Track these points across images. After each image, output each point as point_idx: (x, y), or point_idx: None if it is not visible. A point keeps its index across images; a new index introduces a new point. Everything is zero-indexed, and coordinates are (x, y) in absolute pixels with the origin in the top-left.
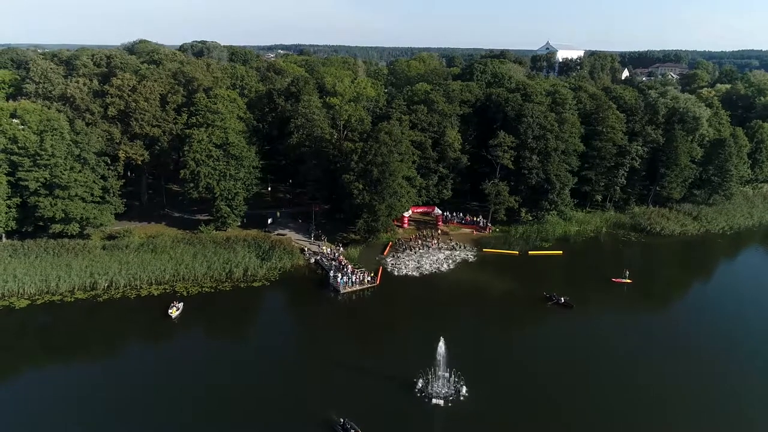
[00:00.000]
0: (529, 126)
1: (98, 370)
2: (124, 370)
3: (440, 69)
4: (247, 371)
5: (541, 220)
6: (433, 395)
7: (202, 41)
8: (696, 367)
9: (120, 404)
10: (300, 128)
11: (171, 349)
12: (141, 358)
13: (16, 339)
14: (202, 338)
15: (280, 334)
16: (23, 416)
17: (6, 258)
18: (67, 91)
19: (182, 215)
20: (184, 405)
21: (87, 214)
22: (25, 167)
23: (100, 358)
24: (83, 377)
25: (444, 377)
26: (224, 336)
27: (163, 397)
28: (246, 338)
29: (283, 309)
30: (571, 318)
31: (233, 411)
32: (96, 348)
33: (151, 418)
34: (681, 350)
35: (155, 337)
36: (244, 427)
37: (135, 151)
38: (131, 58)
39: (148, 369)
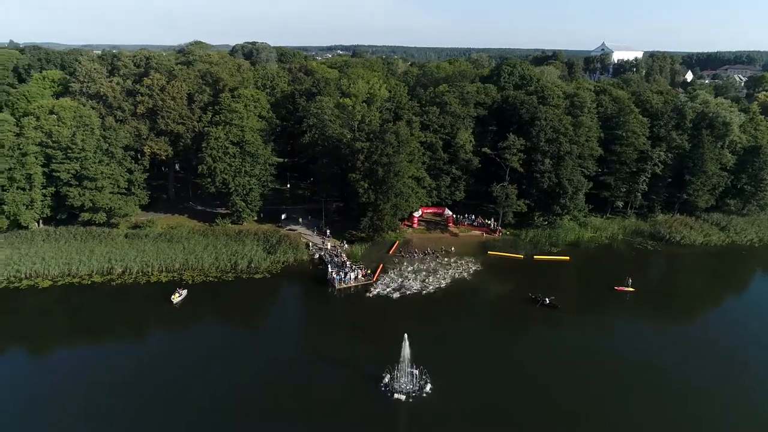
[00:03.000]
0: (542, 129)
1: (96, 347)
2: (119, 348)
3: (468, 71)
4: (224, 356)
5: (553, 224)
6: (396, 390)
7: (252, 42)
8: (662, 386)
9: (108, 381)
10: (312, 127)
11: (165, 331)
12: (137, 338)
13: (34, 315)
14: (195, 323)
15: (267, 323)
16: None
17: (39, 242)
18: (101, 90)
19: (204, 208)
20: (164, 385)
21: (113, 204)
22: (58, 159)
23: (99, 336)
24: (81, 354)
25: (408, 374)
26: (215, 322)
27: (148, 376)
28: (233, 325)
29: (276, 301)
30: (556, 322)
31: (204, 391)
32: (98, 327)
33: (132, 394)
34: (660, 365)
35: (154, 320)
36: (207, 407)
37: (160, 146)
38: (167, 59)
39: (140, 348)
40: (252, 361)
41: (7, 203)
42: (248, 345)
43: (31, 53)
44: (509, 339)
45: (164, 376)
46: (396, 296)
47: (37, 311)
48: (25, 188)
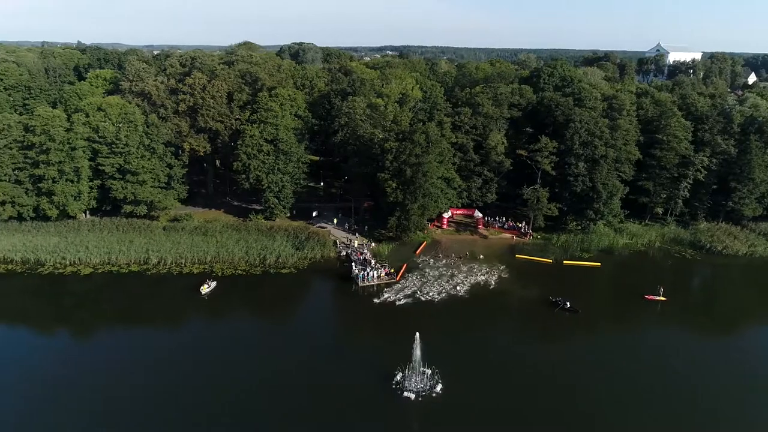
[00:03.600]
0: (576, 131)
1: (128, 332)
2: (147, 334)
3: (508, 72)
4: (241, 345)
5: (586, 229)
6: (406, 389)
7: (299, 43)
8: (679, 398)
9: (136, 363)
10: (344, 127)
11: (191, 321)
12: (165, 326)
13: (74, 300)
14: (219, 314)
15: (287, 317)
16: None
17: (84, 231)
18: (145, 89)
19: (240, 204)
20: (183, 371)
21: (153, 197)
22: (104, 154)
23: (132, 322)
24: (114, 338)
25: (419, 373)
26: (237, 314)
27: (170, 362)
28: (254, 318)
29: (299, 296)
30: (577, 327)
31: (217, 381)
32: (131, 314)
33: (152, 380)
34: (681, 376)
35: (182, 309)
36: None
37: (198, 143)
38: (210, 59)
39: (167, 335)
40: (267, 353)
41: (56, 194)
42: (266, 337)
43: (92, 53)
44: (527, 343)
45: (185, 362)
46: (410, 301)
47: (77, 296)
48: (73, 180)
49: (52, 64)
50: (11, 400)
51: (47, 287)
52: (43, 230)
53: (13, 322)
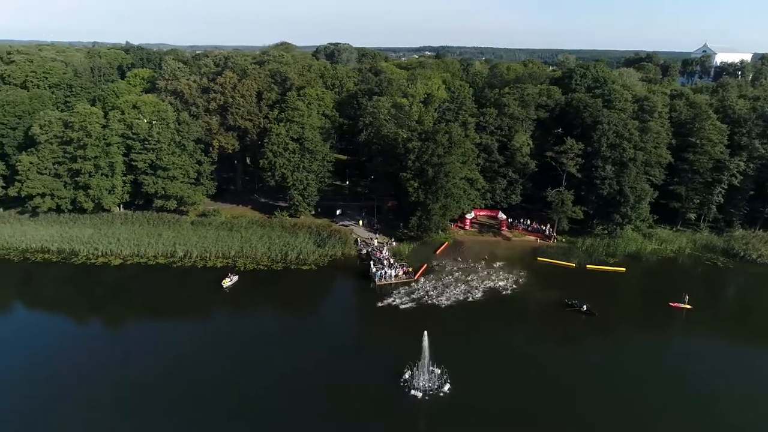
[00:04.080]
0: (604, 133)
1: (151, 321)
2: (170, 323)
3: (538, 72)
4: (258, 339)
5: (613, 233)
6: (414, 387)
7: (335, 43)
8: (689, 409)
9: (154, 355)
10: (369, 126)
11: (213, 313)
12: (187, 316)
13: (103, 289)
14: (238, 307)
15: (303, 312)
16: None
17: (117, 224)
18: (178, 87)
19: (267, 201)
20: (200, 360)
21: (182, 192)
22: (137, 150)
23: (156, 312)
24: (138, 326)
25: (428, 372)
26: (255, 308)
27: (189, 355)
28: (271, 312)
29: (316, 292)
30: (593, 332)
31: (229, 373)
32: (155, 304)
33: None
34: (694, 386)
35: (204, 302)
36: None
37: (227, 141)
38: (243, 59)
39: (188, 325)
40: (280, 348)
41: (92, 188)
42: (281, 332)
43: (135, 53)
44: (540, 347)
45: (205, 355)
46: (425, 301)
47: (106, 286)
48: (107, 175)
49: (97, 64)
50: (38, 383)
51: (79, 276)
52: (79, 222)
53: (46, 308)
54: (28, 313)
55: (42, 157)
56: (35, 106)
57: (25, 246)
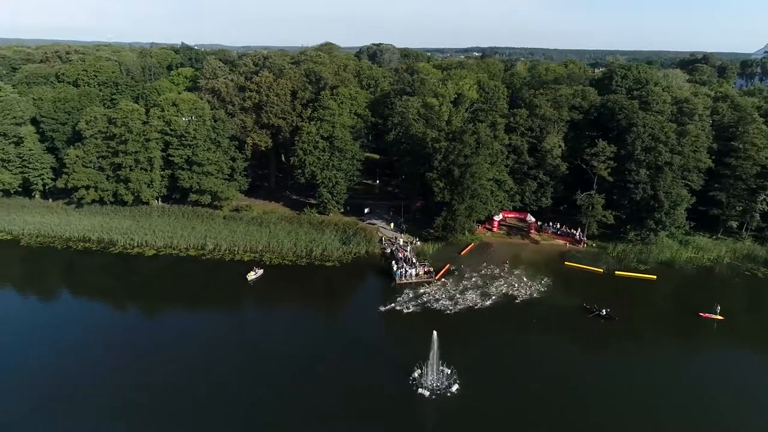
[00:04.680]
0: (639, 136)
1: (175, 311)
2: (193, 314)
3: (578, 73)
4: (273, 334)
5: (646, 240)
6: (422, 386)
7: (377, 44)
8: None
9: (175, 344)
10: (397, 126)
11: (236, 305)
12: (209, 307)
13: (137, 278)
14: (262, 301)
15: (320, 307)
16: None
17: (154, 216)
18: (215, 86)
19: (298, 198)
20: (218, 349)
21: (216, 188)
22: (174, 146)
23: (181, 302)
24: (161, 315)
25: (436, 371)
26: (277, 302)
27: (207, 348)
28: (289, 306)
29: (336, 288)
30: (614, 339)
31: (243, 365)
32: (184, 293)
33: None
34: (713, 399)
35: (228, 294)
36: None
37: (261, 138)
38: (281, 59)
39: (211, 317)
40: (293, 340)
41: (132, 181)
42: (296, 325)
43: (184, 53)
44: (556, 353)
45: (223, 348)
46: (441, 302)
47: (139, 275)
48: (146, 169)
49: (148, 63)
50: (71, 364)
51: (115, 265)
52: (119, 214)
53: (82, 294)
54: (66, 298)
55: (87, 151)
56: (83, 102)
57: (69, 235)
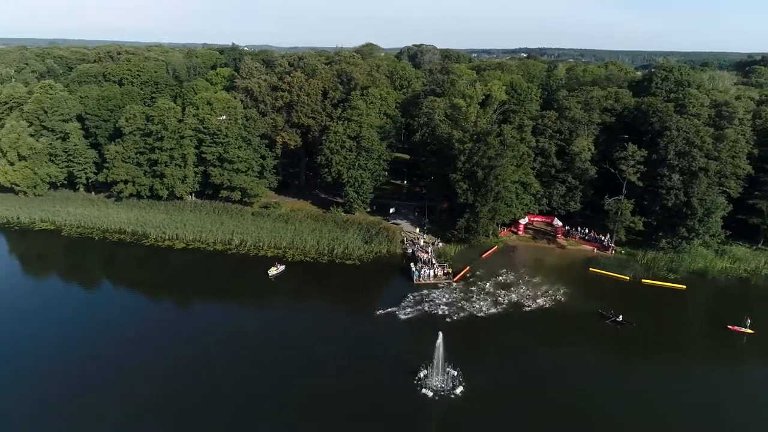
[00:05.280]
0: (672, 140)
1: (196, 301)
2: (214, 306)
3: (616, 75)
4: (286, 328)
5: (678, 248)
6: (426, 386)
7: (417, 44)
8: None
9: (195, 333)
10: (423, 126)
11: (255, 299)
12: (229, 300)
13: (165, 270)
14: (280, 296)
15: (334, 304)
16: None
17: (187, 211)
18: (248, 86)
19: (326, 197)
20: (235, 341)
21: (246, 185)
22: (207, 143)
23: (203, 293)
24: (183, 305)
25: (441, 372)
26: (295, 297)
27: (225, 342)
28: (305, 303)
29: (354, 286)
30: (631, 348)
31: (255, 358)
32: (204, 286)
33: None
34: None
35: (249, 288)
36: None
37: (290, 137)
38: (315, 59)
39: (231, 309)
40: (303, 335)
41: (167, 177)
42: (308, 320)
43: (228, 53)
44: (569, 361)
45: (239, 341)
46: (456, 305)
47: (168, 267)
48: (180, 165)
49: (193, 63)
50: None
51: (146, 257)
52: (154, 208)
53: (110, 283)
54: (97, 286)
55: (126, 147)
56: (125, 100)
57: (106, 226)
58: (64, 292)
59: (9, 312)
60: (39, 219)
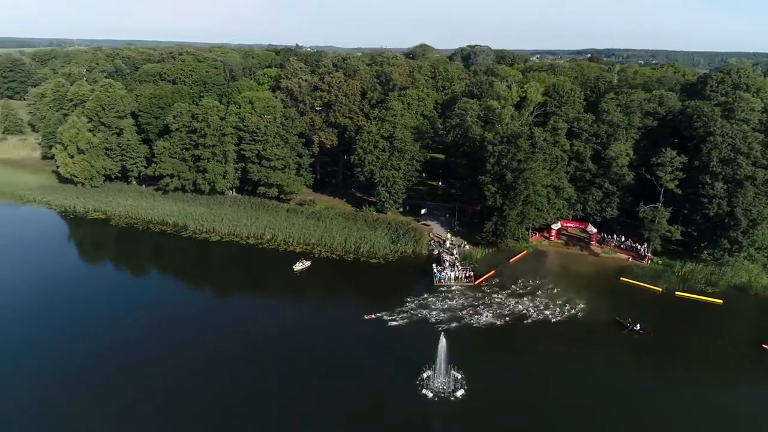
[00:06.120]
0: (716, 146)
1: (222, 291)
2: (237, 297)
3: (669, 77)
4: (293, 322)
5: (719, 260)
6: (426, 387)
7: (471, 45)
8: None
9: (214, 324)
10: (456, 127)
11: (277, 293)
12: (253, 292)
13: (199, 260)
14: (302, 291)
15: (352, 301)
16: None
17: (226, 206)
18: (288, 85)
19: (361, 196)
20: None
21: (282, 182)
22: (246, 141)
23: (229, 284)
24: (209, 294)
25: (443, 374)
26: (313, 292)
27: (242, 335)
28: (321, 300)
29: (374, 284)
30: (647, 362)
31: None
32: (231, 277)
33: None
34: None
35: (273, 282)
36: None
37: (327, 137)
38: (359, 60)
39: (253, 301)
40: (311, 331)
41: (209, 172)
42: (320, 316)
43: (284, 54)
44: (581, 371)
45: (256, 335)
46: (469, 309)
47: (200, 258)
48: (221, 161)
49: (249, 64)
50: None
51: (183, 248)
52: (197, 201)
53: (144, 269)
54: (133, 272)
55: (173, 143)
56: (175, 99)
57: (150, 218)
58: (106, 276)
59: (59, 291)
60: (92, 208)
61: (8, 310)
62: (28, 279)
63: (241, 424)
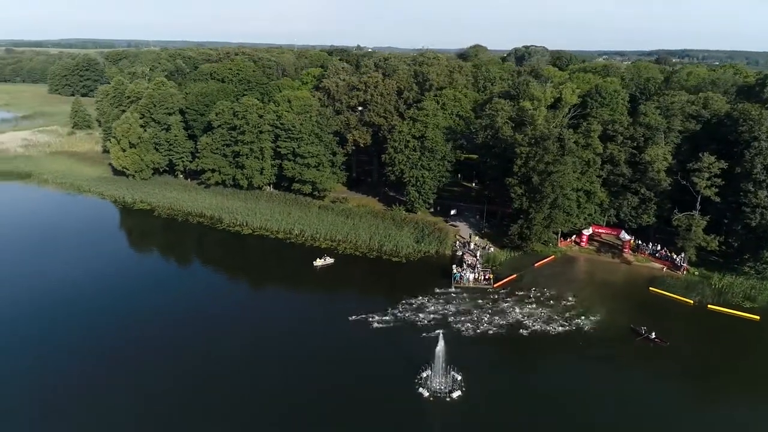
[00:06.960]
0: (759, 152)
1: (239, 284)
2: (254, 290)
3: (724, 78)
4: (305, 322)
5: (763, 274)
6: (423, 386)
7: (526, 46)
8: None
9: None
10: (486, 128)
11: (296, 288)
12: (272, 286)
13: (229, 251)
14: (321, 287)
15: (363, 301)
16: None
17: (262, 201)
18: (326, 84)
19: (394, 195)
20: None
21: (315, 179)
22: (282, 138)
23: (247, 275)
24: (227, 286)
25: (441, 374)
26: (332, 290)
27: (260, 328)
28: (340, 295)
29: (391, 283)
30: (661, 374)
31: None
32: (251, 268)
33: None
34: None
35: (291, 275)
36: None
37: (361, 136)
38: (400, 60)
39: (270, 295)
40: (318, 330)
41: (246, 168)
42: (329, 314)
43: (336, 54)
44: (587, 380)
45: (269, 329)
46: (477, 311)
47: (229, 249)
48: (258, 158)
49: (301, 63)
50: None
51: (215, 239)
52: (235, 196)
53: (174, 257)
54: (166, 259)
55: (215, 139)
56: (219, 96)
57: (190, 210)
58: (143, 263)
59: (103, 276)
60: (139, 200)
61: (57, 294)
62: (79, 265)
63: (234, 421)
